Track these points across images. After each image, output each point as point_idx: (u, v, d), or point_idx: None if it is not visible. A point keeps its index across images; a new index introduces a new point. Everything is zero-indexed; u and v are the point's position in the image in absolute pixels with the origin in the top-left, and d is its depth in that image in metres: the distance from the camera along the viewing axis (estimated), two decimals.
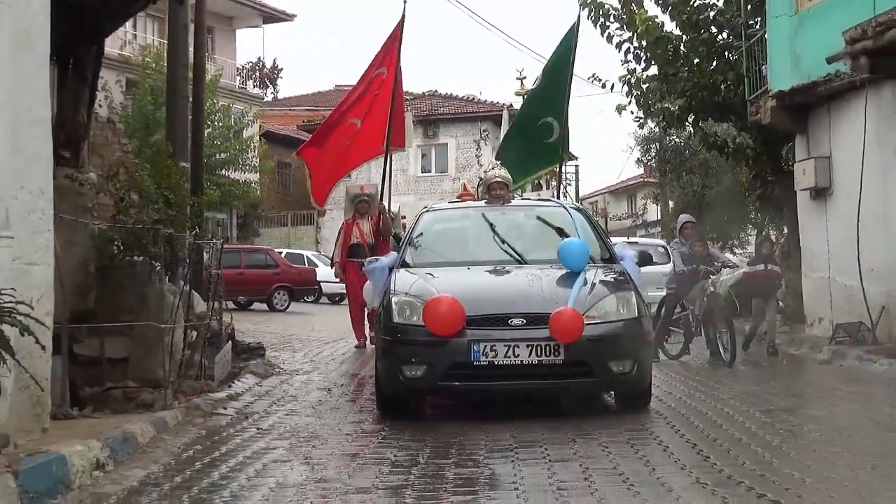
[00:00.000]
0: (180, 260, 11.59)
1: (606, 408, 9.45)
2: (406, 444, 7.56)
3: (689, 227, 14.65)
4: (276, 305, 30.16)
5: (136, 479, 6.37)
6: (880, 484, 5.85)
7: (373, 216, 13.38)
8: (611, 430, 7.95)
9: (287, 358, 14.48)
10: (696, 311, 13.94)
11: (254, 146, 40.40)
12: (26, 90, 6.53)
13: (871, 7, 13.43)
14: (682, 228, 14.76)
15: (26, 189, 6.49)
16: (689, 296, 14.04)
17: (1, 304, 5.51)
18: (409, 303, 8.95)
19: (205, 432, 8.24)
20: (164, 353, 9.86)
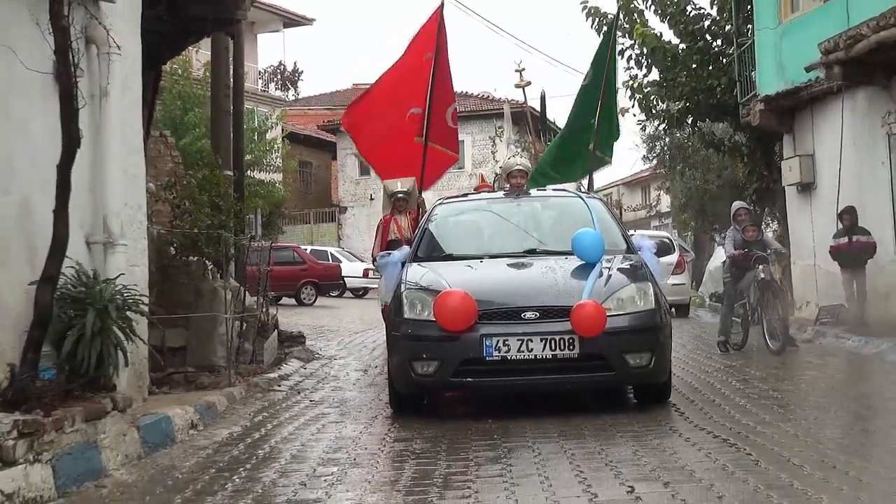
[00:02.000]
0: (230, 259, 13.19)
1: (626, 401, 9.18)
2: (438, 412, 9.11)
3: (742, 213, 14.37)
4: (303, 300, 31.56)
5: (222, 436, 7.96)
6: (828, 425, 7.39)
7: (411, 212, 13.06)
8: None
9: (323, 346, 16.04)
10: (750, 299, 13.52)
11: (277, 147, 41.75)
12: (128, 124, 8.12)
13: (846, 20, 14.92)
14: (735, 214, 14.49)
15: (129, 205, 8.09)
16: (743, 283, 13.67)
17: (129, 296, 7.08)
18: (421, 297, 8.73)
19: (266, 403, 9.83)
20: (219, 341, 11.41)
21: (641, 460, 6.33)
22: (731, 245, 13.91)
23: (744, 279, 13.59)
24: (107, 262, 7.43)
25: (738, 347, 13.71)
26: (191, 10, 10.86)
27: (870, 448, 6.72)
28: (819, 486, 5.38)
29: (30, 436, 5.78)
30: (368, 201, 49.58)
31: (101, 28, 7.30)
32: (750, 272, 13.41)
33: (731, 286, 14.06)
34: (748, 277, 13.46)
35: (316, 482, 6.15)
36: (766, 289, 13.17)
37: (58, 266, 6.37)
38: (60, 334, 6.57)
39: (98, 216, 7.44)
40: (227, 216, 12.99)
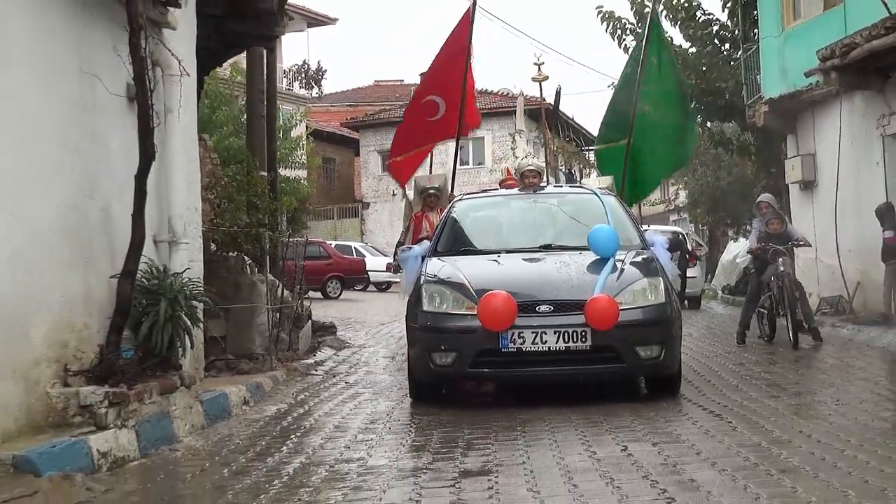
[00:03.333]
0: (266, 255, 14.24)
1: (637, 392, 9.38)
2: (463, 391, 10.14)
3: (763, 205, 14.46)
4: (329, 293, 32.59)
5: (271, 411, 9.03)
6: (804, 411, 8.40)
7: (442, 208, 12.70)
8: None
9: (352, 336, 17.09)
10: (773, 292, 13.52)
11: (302, 145, 42.71)
12: (188, 137, 9.19)
13: (843, 28, 15.87)
14: (756, 207, 14.71)
15: (189, 208, 9.16)
16: (765, 276, 13.75)
17: (192, 288, 8.15)
18: (439, 290, 9.02)
19: (306, 385, 10.90)
20: (257, 331, 12.45)
21: (636, 427, 7.36)
22: (755, 238, 14.04)
23: (766, 272, 13.71)
24: (171, 258, 8.50)
25: (769, 339, 13.79)
26: (235, 28, 11.92)
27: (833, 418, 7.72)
28: (783, 444, 6.41)
29: (117, 405, 6.87)
30: (391, 197, 50.54)
31: (167, 52, 8.35)
32: (771, 265, 13.50)
33: (754, 279, 14.36)
34: (770, 270, 13.55)
35: (357, 446, 7.20)
36: (784, 282, 13.20)
37: (136, 262, 7.44)
38: (137, 320, 7.63)
39: (164, 218, 8.50)
40: (264, 215, 14.09)
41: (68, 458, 6.16)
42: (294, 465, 6.59)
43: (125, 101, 8.00)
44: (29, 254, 6.64)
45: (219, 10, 11.17)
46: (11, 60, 6.53)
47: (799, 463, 5.82)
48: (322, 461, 6.68)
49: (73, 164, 7.29)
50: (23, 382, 6.53)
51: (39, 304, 6.76)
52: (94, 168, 7.56)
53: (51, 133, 7.00)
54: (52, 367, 6.90)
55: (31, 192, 6.71)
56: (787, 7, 18.15)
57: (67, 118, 7.24)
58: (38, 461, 5.93)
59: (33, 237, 6.71)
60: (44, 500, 5.57)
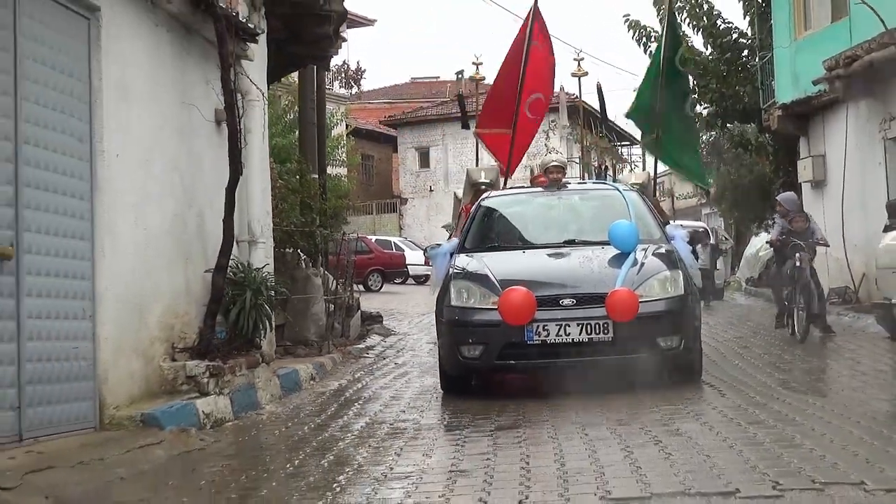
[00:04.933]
0: (319, 251, 15.77)
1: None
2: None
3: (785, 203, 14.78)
4: (370, 286, 34.05)
5: (334, 386, 10.57)
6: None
7: None
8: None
9: (396, 325, 18.62)
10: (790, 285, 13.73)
11: (343, 143, 44.13)
12: (262, 151, 10.74)
13: (849, 38, 17.21)
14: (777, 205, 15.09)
15: (264, 213, 10.71)
16: (785, 268, 14.00)
17: (269, 281, 9.71)
18: (467, 286, 9.35)
19: (360, 366, 12.45)
20: (312, 320, 13.97)
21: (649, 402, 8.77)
22: (776, 232, 14.34)
23: (786, 265, 13.95)
24: (251, 255, 10.04)
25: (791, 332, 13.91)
26: (294, 50, 13.41)
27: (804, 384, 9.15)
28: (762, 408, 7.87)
29: (216, 376, 8.42)
30: (428, 192, 52.09)
31: (247, 81, 9.88)
32: (790, 260, 13.70)
33: (776, 271, 14.93)
34: (788, 264, 13.79)
35: (411, 411, 8.71)
36: (800, 277, 13.37)
37: (227, 259, 8.99)
38: (226, 307, 9.19)
39: (244, 222, 10.04)
40: (317, 215, 15.64)
41: (182, 417, 7.72)
42: (360, 424, 8.12)
43: (214, 125, 9.58)
44: (147, 254, 8.21)
45: (281, 35, 12.65)
46: (132, 97, 8.09)
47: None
48: (383, 421, 8.21)
49: (178, 179, 8.88)
50: (143, 358, 8.10)
51: (154, 295, 8.33)
52: (191, 182, 9.13)
53: (161, 155, 8.57)
54: (163, 345, 8.47)
55: (148, 204, 8.28)
56: (799, 19, 19.50)
57: (173, 142, 8.82)
58: (161, 418, 7.50)
59: (150, 240, 8.28)
60: (168, 446, 7.11)
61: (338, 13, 12.82)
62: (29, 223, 6.69)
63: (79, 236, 7.32)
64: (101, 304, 7.50)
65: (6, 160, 6.50)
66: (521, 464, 6.11)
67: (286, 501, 5.51)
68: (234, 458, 6.96)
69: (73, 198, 7.27)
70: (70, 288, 7.17)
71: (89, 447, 6.77)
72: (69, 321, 7.14)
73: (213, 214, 9.29)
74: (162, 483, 6.15)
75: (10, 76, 6.58)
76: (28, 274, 6.66)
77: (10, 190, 6.53)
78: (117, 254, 7.72)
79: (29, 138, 6.73)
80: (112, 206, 7.66)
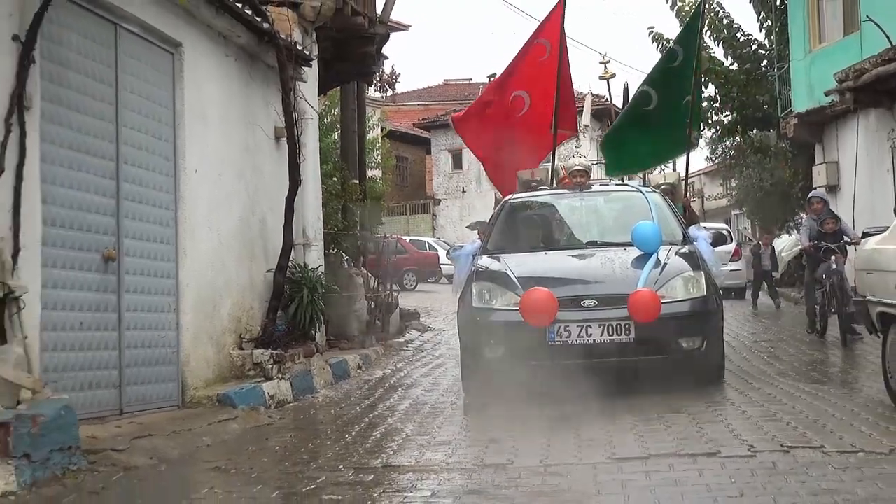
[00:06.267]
0: (361, 252, 16.93)
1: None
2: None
3: (815, 201, 14.46)
4: (405, 285, 35.08)
5: (379, 375, 11.75)
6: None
7: None
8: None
9: (431, 321, 19.77)
10: (826, 289, 13.48)
11: (378, 146, 45.23)
12: (315, 163, 11.96)
13: (860, 51, 18.24)
14: (808, 203, 14.72)
15: (317, 218, 11.92)
16: (819, 272, 13.77)
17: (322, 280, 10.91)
18: (489, 287, 9.34)
19: (401, 357, 13.63)
20: (354, 316, 15.12)
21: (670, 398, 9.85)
22: (807, 236, 14.05)
23: (819, 268, 13.74)
24: (306, 257, 11.28)
25: (820, 335, 14.01)
26: (340, 68, 14.62)
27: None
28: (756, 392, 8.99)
29: (278, 363, 9.62)
30: (461, 194, 53.17)
31: (302, 101, 11.08)
32: (824, 263, 13.52)
33: (809, 275, 14.63)
34: (822, 268, 13.57)
35: (449, 394, 9.88)
36: (833, 280, 13.17)
37: (286, 260, 10.21)
38: (285, 303, 10.40)
39: (300, 227, 11.26)
40: (359, 218, 16.81)
41: (251, 397, 8.93)
42: (405, 404, 9.31)
43: (273, 141, 10.81)
44: (220, 254, 9.45)
45: (328, 55, 13.85)
46: (207, 120, 9.31)
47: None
48: (425, 402, 9.39)
49: (243, 189, 10.10)
50: (216, 346, 9.33)
51: (225, 291, 9.57)
52: (255, 191, 10.35)
53: (231, 168, 9.81)
54: (232, 335, 9.70)
55: (220, 210, 9.51)
56: (814, 32, 20.54)
57: (240, 157, 10.05)
58: (234, 397, 8.71)
59: (221, 243, 9.51)
60: (242, 421, 8.32)
61: (380, 35, 13.99)
62: (127, 230, 7.92)
63: (165, 241, 8.56)
64: (183, 298, 8.74)
65: (110, 178, 7.73)
66: (543, 435, 7.26)
67: (348, 460, 6.67)
68: (299, 431, 8.15)
69: (161, 208, 8.51)
70: (158, 285, 8.41)
71: (177, 420, 7.99)
72: (158, 314, 8.38)
73: (273, 219, 10.51)
74: (241, 449, 7.35)
75: (113, 106, 7.82)
76: (127, 273, 7.89)
77: (113, 203, 7.76)
78: (195, 255, 8.95)
79: (127, 158, 7.96)
80: (191, 214, 8.89)
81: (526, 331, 8.80)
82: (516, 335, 8.85)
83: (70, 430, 6.14)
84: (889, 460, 5.92)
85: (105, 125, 7.70)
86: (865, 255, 8.66)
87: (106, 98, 7.74)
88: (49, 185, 6.92)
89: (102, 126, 7.67)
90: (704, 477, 5.66)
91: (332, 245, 15.53)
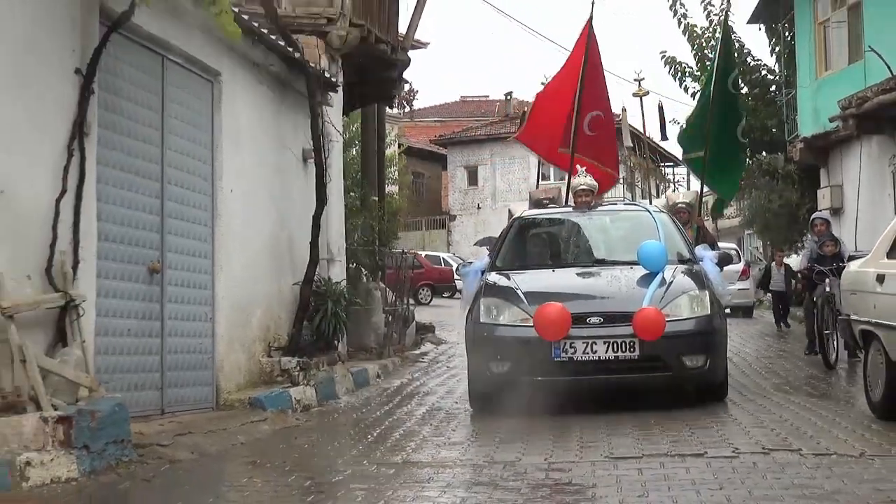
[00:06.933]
0: (380, 267, 17.62)
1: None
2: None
3: (818, 223, 14.55)
4: (421, 300, 35.80)
5: (397, 384, 12.45)
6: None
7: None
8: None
9: (446, 335, 20.41)
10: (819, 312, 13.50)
11: (395, 162, 45.88)
12: (338, 182, 12.68)
13: (863, 79, 18.92)
14: (811, 225, 14.87)
15: (340, 235, 12.66)
16: (815, 294, 13.86)
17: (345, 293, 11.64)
18: (497, 303, 9.51)
19: (417, 368, 14.34)
20: (372, 329, 15.82)
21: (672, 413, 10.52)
22: (806, 258, 14.33)
23: (816, 291, 13.86)
24: (330, 271, 11.99)
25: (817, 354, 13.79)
26: (363, 91, 15.38)
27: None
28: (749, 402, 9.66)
29: (304, 370, 10.34)
30: (476, 210, 53.86)
31: (329, 125, 11.83)
32: (819, 286, 13.62)
33: (808, 297, 14.70)
34: (818, 290, 13.69)
35: (463, 402, 10.52)
36: (828, 303, 13.16)
37: (312, 274, 10.93)
38: (310, 314, 11.12)
39: (324, 243, 11.96)
40: (379, 235, 17.51)
41: (280, 401, 9.63)
42: (421, 410, 10.01)
43: (301, 162, 11.55)
44: (252, 268, 10.18)
45: (352, 79, 14.59)
46: (241, 143, 10.06)
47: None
48: (441, 408, 10.09)
49: (273, 207, 10.85)
50: (247, 353, 10.06)
51: (256, 301, 10.30)
52: (283, 209, 11.09)
53: (262, 188, 10.56)
54: (262, 344, 10.43)
55: (252, 227, 10.24)
56: (820, 60, 21.23)
57: (271, 177, 10.80)
58: (265, 401, 9.43)
59: (253, 257, 10.24)
60: (272, 422, 9.03)
61: (402, 61, 14.73)
62: (170, 245, 8.66)
63: (203, 255, 9.30)
64: (219, 308, 9.48)
65: (156, 197, 8.47)
66: (548, 437, 7.94)
67: (371, 457, 7.36)
68: (325, 432, 8.86)
69: (199, 225, 9.25)
70: (197, 296, 9.15)
71: (213, 420, 8.72)
72: (196, 322, 9.11)
73: (300, 235, 11.24)
74: (273, 446, 8.06)
75: (159, 131, 8.56)
76: (169, 285, 8.62)
77: (157, 220, 8.50)
78: (230, 269, 9.69)
79: (171, 179, 8.71)
80: (227, 230, 9.63)
81: (532, 346, 9.03)
82: (522, 350, 9.11)
83: (123, 425, 6.84)
84: (857, 462, 6.58)
85: (152, 149, 8.45)
86: (849, 276, 9.33)
87: (153, 124, 8.48)
88: (103, 203, 7.65)
89: (149, 149, 8.41)
90: (691, 473, 6.34)
91: (352, 260, 16.26)
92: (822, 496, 5.65)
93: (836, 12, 20.89)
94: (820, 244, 13.94)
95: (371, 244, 17.15)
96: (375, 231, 17.61)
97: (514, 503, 5.75)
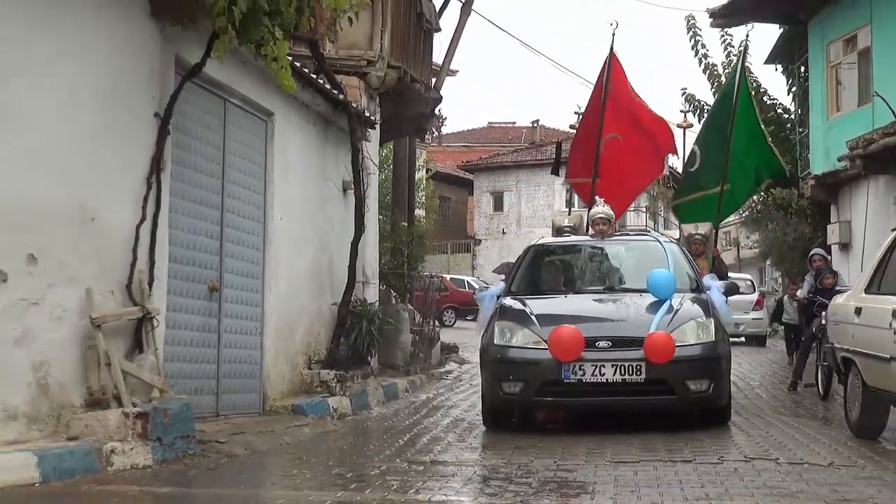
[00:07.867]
0: (408, 289, 18.70)
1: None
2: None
3: (816, 258, 15.21)
4: (445, 322, 36.69)
5: (423, 398, 13.50)
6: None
7: None
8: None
9: (469, 356, 21.30)
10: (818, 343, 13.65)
11: (423, 187, 46.80)
12: (375, 210, 13.78)
13: (871, 121, 19.92)
14: (810, 260, 15.45)
15: (374, 259, 13.75)
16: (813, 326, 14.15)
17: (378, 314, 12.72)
18: (510, 326, 9.92)
19: (442, 385, 15.40)
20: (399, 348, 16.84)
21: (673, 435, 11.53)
22: (805, 291, 14.86)
23: (812, 323, 14.27)
24: (365, 292, 13.09)
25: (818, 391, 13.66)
26: (397, 124, 16.48)
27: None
28: (739, 418, 10.66)
29: (340, 382, 11.42)
30: (501, 235, 54.81)
31: (367, 159, 12.93)
32: (817, 318, 13.79)
33: (807, 331, 14.95)
34: (815, 323, 14.00)
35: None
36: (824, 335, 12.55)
37: (350, 295, 12.02)
38: (347, 332, 12.20)
39: (360, 266, 13.05)
40: (408, 259, 18.56)
41: (319, 409, 10.71)
42: (446, 421, 11.06)
43: (341, 192, 12.66)
44: (296, 288, 11.30)
45: (388, 114, 15.69)
46: (289, 176, 11.18)
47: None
48: (463, 420, 11.12)
49: (316, 234, 11.97)
50: (290, 365, 11.16)
51: (300, 318, 11.41)
52: (325, 235, 12.21)
53: (307, 216, 11.68)
54: (303, 357, 11.53)
55: (297, 251, 11.36)
56: (832, 102, 22.23)
57: (314, 207, 11.93)
58: (306, 408, 10.52)
59: (297, 278, 11.35)
60: (313, 427, 10.10)
61: (435, 99, 15.84)
62: (227, 267, 9.77)
63: (254, 276, 10.41)
64: (267, 324, 10.58)
65: (216, 223, 9.59)
66: (560, 445, 8.98)
67: (402, 456, 8.40)
68: (360, 436, 9.93)
69: (252, 248, 10.37)
70: (248, 312, 10.25)
71: (261, 423, 9.80)
72: (247, 335, 10.21)
73: (339, 259, 12.35)
74: (316, 446, 9.13)
75: (220, 166, 9.68)
76: (225, 302, 9.73)
77: (217, 244, 9.61)
78: (277, 289, 10.79)
79: (229, 208, 9.83)
80: (276, 254, 10.75)
81: (543, 368, 9.53)
82: (534, 372, 9.59)
83: (189, 422, 7.93)
84: (825, 470, 7.59)
85: (214, 181, 9.57)
86: (833, 309, 10.35)
87: (215, 159, 9.60)
88: (173, 229, 8.76)
89: (212, 182, 9.53)
90: (678, 475, 7.37)
91: (382, 282, 17.34)
92: (786, 495, 6.66)
93: (847, 56, 21.90)
94: (819, 278, 14.52)
95: (400, 267, 18.21)
96: (405, 255, 18.67)
97: (524, 494, 6.77)
